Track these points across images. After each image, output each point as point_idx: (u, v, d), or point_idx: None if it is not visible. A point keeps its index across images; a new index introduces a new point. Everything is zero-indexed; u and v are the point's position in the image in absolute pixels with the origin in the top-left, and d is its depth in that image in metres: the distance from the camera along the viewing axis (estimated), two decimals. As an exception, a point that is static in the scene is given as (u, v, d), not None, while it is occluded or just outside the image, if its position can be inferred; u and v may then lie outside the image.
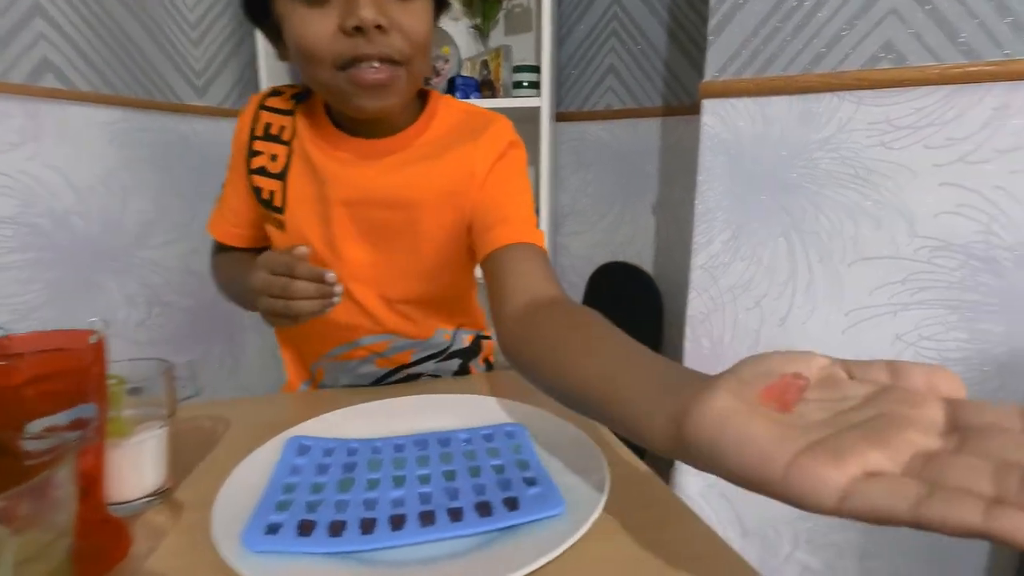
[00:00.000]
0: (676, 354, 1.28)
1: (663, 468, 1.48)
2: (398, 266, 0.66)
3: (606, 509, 0.39)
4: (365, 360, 0.71)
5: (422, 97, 0.65)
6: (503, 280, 0.55)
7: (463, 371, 0.78)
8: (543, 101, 1.37)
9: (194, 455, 0.50)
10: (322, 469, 0.46)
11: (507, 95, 1.50)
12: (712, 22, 1.06)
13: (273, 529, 0.37)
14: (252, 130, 0.65)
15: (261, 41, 1.45)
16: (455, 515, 0.39)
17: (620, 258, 1.68)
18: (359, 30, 0.50)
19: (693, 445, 0.27)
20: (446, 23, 1.62)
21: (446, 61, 1.52)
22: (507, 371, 0.76)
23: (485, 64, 1.53)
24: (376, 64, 0.53)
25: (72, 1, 1.18)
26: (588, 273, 1.71)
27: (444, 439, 0.51)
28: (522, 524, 0.38)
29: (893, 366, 0.25)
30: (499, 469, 0.46)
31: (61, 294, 1.22)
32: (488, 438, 0.52)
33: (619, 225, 1.68)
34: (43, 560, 0.25)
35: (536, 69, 1.43)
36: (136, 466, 0.41)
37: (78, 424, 0.34)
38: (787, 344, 1.08)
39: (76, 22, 1.19)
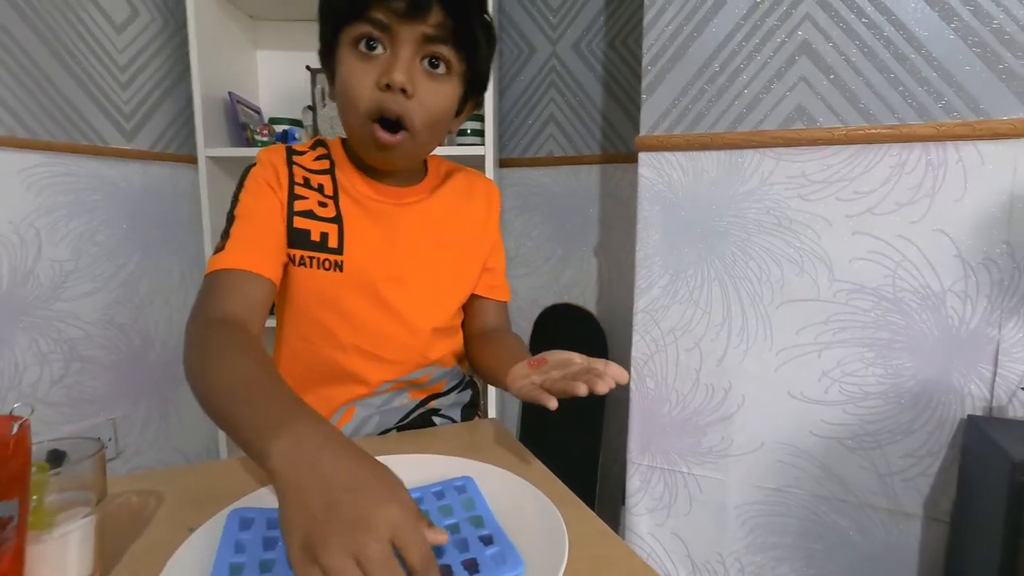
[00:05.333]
0: (623, 391, 1.30)
1: (612, 510, 1.49)
2: (445, 298, 0.75)
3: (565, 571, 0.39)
4: (400, 392, 0.74)
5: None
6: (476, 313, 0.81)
7: (473, 403, 0.82)
8: (488, 150, 1.41)
9: (124, 537, 0.46)
10: (269, 543, 0.44)
11: (451, 143, 1.53)
12: (645, 82, 1.13)
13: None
14: (291, 176, 0.68)
15: (197, 83, 1.42)
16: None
17: (565, 299, 1.72)
18: (389, 87, 0.60)
19: (503, 384, 0.64)
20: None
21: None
22: (489, 420, 0.77)
23: (429, 112, 1.55)
24: (390, 127, 0.63)
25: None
26: (535, 315, 1.73)
27: (397, 502, 0.50)
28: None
29: (586, 358, 0.56)
30: (454, 528, 0.45)
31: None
32: (439, 495, 0.51)
33: (563, 268, 1.72)
34: None
35: (480, 118, 1.47)
36: (59, 564, 0.37)
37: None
38: (727, 382, 1.13)
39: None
